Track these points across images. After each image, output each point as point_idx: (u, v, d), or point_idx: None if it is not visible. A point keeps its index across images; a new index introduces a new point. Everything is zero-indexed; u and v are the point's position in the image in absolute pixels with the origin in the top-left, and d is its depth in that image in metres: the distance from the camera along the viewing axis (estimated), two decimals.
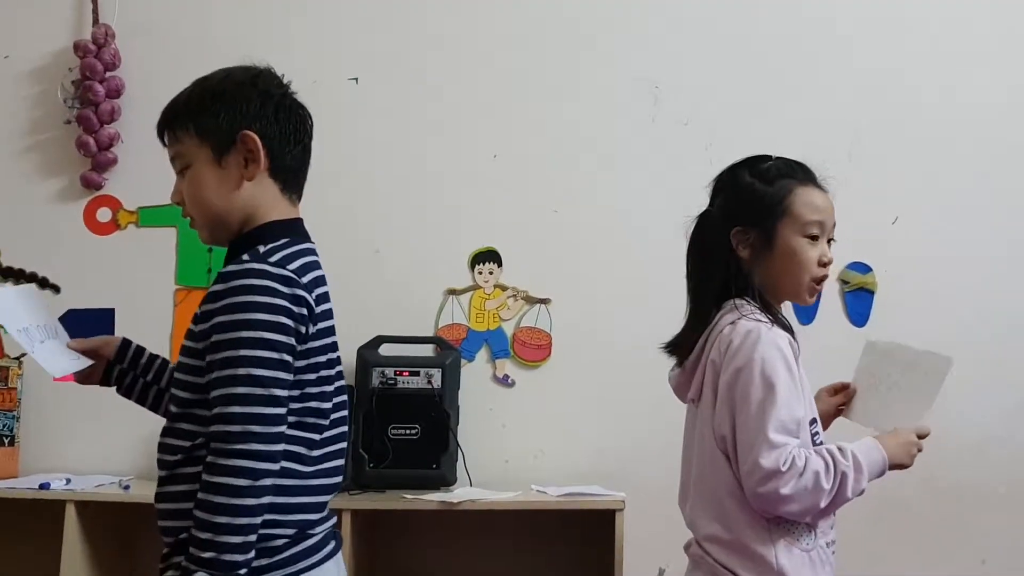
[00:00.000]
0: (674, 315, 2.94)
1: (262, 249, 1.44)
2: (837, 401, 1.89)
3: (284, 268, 1.41)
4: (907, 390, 1.76)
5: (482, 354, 2.93)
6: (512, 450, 2.86)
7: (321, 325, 1.45)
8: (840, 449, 1.62)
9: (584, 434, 2.86)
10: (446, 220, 2.95)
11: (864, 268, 2.91)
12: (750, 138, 2.87)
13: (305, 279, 1.43)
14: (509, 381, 2.92)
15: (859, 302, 2.91)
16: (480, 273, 2.95)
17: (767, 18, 3.00)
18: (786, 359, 1.61)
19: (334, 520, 1.53)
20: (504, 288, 2.95)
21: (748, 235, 1.70)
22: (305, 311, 1.41)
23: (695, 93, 2.96)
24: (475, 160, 2.96)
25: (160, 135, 1.55)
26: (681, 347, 1.75)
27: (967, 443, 2.76)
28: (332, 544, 1.50)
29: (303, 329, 1.42)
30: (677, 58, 2.98)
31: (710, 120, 2.93)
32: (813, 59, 2.97)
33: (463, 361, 2.86)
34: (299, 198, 1.57)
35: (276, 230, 1.48)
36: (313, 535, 1.46)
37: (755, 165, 1.75)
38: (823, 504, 1.58)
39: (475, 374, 2.89)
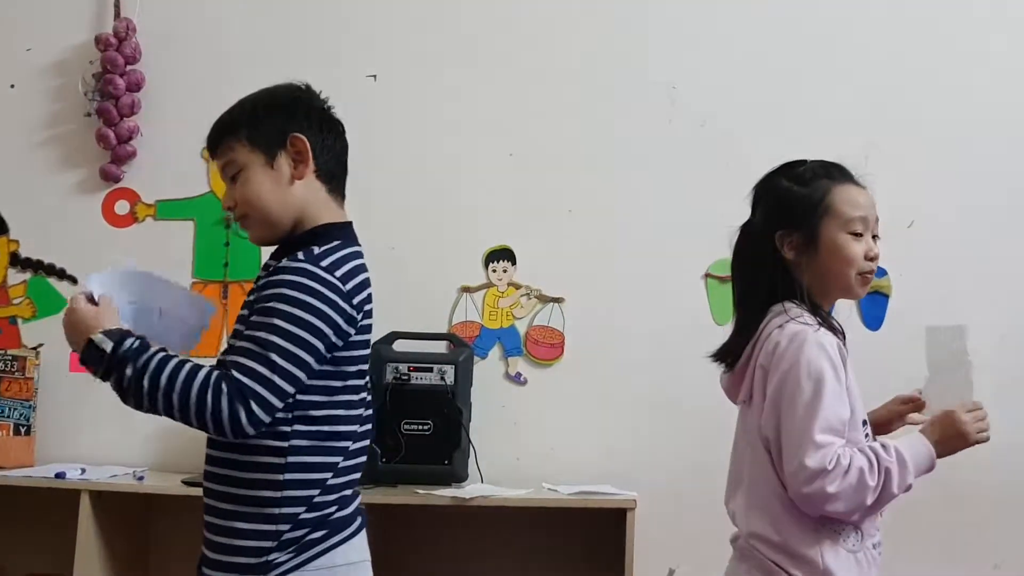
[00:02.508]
0: (687, 316, 2.95)
1: (316, 251, 1.56)
2: (906, 409, 1.88)
3: (332, 274, 1.53)
4: (945, 370, 1.76)
5: (495, 352, 2.94)
6: (524, 448, 2.86)
7: (364, 322, 1.59)
8: (883, 446, 1.62)
9: (596, 433, 2.87)
10: (461, 218, 2.96)
11: (879, 272, 2.90)
12: (766, 140, 2.90)
13: (349, 285, 1.55)
14: (521, 379, 2.93)
15: (874, 305, 2.90)
16: (494, 271, 2.96)
17: (784, 20, 2.99)
18: (832, 360, 1.62)
19: (360, 497, 1.64)
20: (518, 286, 2.96)
21: (792, 237, 1.72)
22: (343, 319, 1.53)
23: (712, 95, 2.96)
24: (491, 158, 2.97)
25: (212, 149, 1.66)
26: (730, 354, 1.77)
27: (982, 448, 2.73)
28: (360, 520, 1.61)
29: (340, 338, 1.54)
30: (694, 60, 2.98)
31: (727, 122, 2.93)
32: (829, 61, 2.97)
33: (476, 358, 2.86)
34: (343, 201, 1.69)
35: (331, 232, 1.61)
36: (349, 509, 1.59)
37: (790, 169, 1.78)
38: (869, 502, 1.59)
39: (488, 371, 2.90)
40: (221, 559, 1.54)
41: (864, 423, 1.71)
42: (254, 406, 1.45)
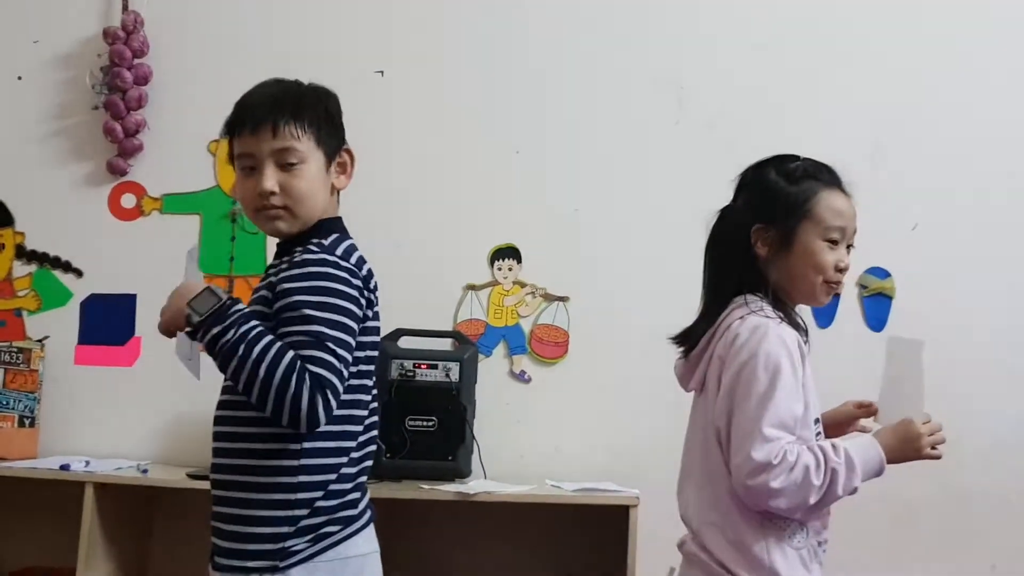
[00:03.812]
0: (692, 316, 2.95)
1: (326, 242, 1.59)
2: (859, 414, 1.90)
3: (348, 261, 1.58)
4: (900, 382, 1.76)
5: (499, 350, 2.94)
6: (527, 445, 2.87)
7: (376, 307, 1.64)
8: (833, 446, 1.61)
9: (599, 431, 2.88)
10: (467, 216, 2.96)
11: (883, 273, 2.92)
12: (773, 141, 2.87)
13: (363, 271, 1.61)
14: (526, 377, 2.93)
15: (877, 307, 2.91)
16: (499, 269, 2.96)
17: (792, 21, 3.00)
18: (791, 356, 1.62)
19: (368, 491, 1.67)
20: (523, 285, 2.96)
21: (768, 233, 1.71)
22: (364, 302, 1.59)
23: (719, 95, 2.97)
24: (498, 156, 2.97)
25: (267, 124, 1.60)
26: (689, 338, 1.77)
27: (980, 449, 2.76)
28: (370, 512, 1.64)
29: (362, 317, 1.59)
30: (702, 60, 2.98)
31: (733, 123, 2.94)
32: (837, 63, 2.98)
33: (481, 356, 2.87)
34: None
35: (332, 226, 1.65)
36: (363, 500, 1.63)
37: (781, 164, 1.76)
38: (812, 500, 1.57)
39: (492, 369, 2.91)
40: (237, 547, 1.54)
41: (816, 421, 1.70)
42: (329, 395, 1.48)
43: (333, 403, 1.49)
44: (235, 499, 1.56)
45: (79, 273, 2.98)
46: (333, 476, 1.56)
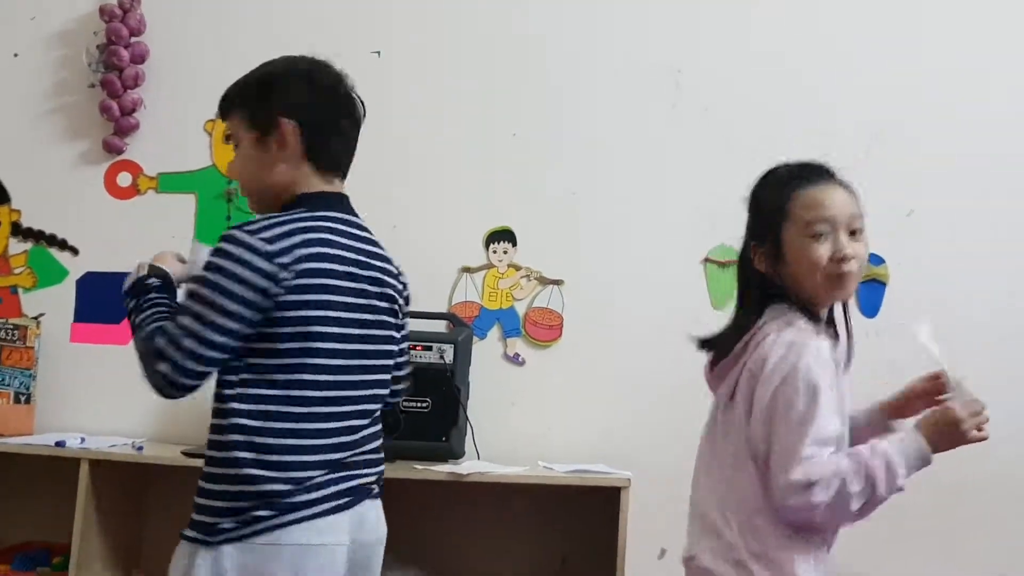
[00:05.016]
0: (686, 301, 2.96)
1: (257, 218, 1.61)
2: (927, 387, 1.81)
3: (255, 236, 1.55)
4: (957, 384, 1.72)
5: (494, 332, 2.95)
6: (520, 427, 2.88)
7: (301, 281, 1.57)
8: (871, 448, 1.59)
9: (592, 414, 2.89)
10: (463, 198, 2.96)
11: (877, 260, 2.92)
12: (770, 126, 2.90)
13: (278, 245, 1.55)
14: (520, 360, 2.94)
15: (871, 293, 2.92)
16: (495, 252, 2.97)
17: (790, 6, 2.99)
18: (827, 371, 1.60)
19: (346, 483, 1.64)
20: (518, 268, 2.97)
21: (762, 248, 1.70)
22: (259, 279, 1.54)
23: (717, 80, 2.96)
24: (494, 139, 2.97)
25: (221, 106, 1.73)
26: (717, 346, 1.73)
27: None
28: (329, 504, 1.60)
29: (265, 295, 1.55)
30: (700, 44, 2.98)
31: (730, 107, 2.93)
32: (833, 48, 2.97)
33: (475, 338, 2.88)
34: (343, 177, 1.75)
35: (301, 202, 1.66)
36: (313, 492, 1.58)
37: (765, 177, 1.75)
38: (854, 507, 1.55)
39: (486, 352, 2.91)
40: (192, 517, 1.59)
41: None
42: (168, 369, 1.53)
43: (178, 377, 1.53)
44: (201, 472, 1.61)
45: (75, 251, 2.98)
46: (280, 464, 1.56)
